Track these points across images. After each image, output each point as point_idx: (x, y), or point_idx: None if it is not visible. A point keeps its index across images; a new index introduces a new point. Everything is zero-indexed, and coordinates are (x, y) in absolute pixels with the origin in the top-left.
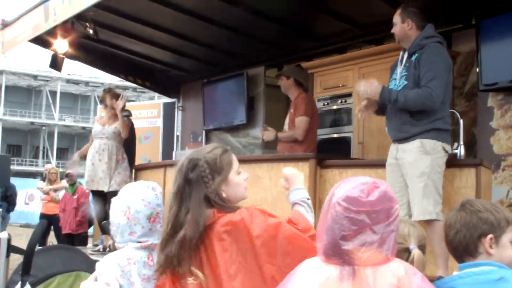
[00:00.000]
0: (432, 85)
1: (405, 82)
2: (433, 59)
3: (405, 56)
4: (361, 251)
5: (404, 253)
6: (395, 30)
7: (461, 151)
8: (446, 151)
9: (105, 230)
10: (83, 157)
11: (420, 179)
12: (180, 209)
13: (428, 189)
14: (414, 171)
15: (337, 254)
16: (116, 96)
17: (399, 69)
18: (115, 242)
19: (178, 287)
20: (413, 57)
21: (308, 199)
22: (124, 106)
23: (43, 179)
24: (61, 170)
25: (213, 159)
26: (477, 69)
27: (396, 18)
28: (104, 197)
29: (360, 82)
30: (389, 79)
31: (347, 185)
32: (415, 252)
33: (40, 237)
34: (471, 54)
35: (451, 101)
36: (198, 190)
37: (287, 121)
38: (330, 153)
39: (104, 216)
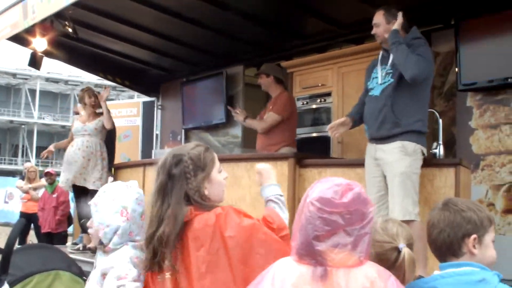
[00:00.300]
0: (424, 62)
1: (391, 80)
2: (425, 53)
3: (391, 56)
4: (334, 252)
5: (393, 252)
6: (378, 31)
7: (440, 150)
8: (423, 154)
9: (84, 229)
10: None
11: (400, 179)
12: (162, 205)
13: (407, 189)
14: (395, 171)
15: (310, 254)
16: (95, 95)
17: (380, 67)
18: (108, 244)
19: (156, 282)
20: None
21: (281, 195)
22: (107, 97)
23: (22, 178)
24: (40, 168)
25: (197, 156)
26: (456, 69)
27: (379, 19)
28: (86, 194)
29: None
30: (366, 80)
31: (321, 185)
32: (405, 251)
33: (18, 235)
34: (450, 54)
35: (430, 100)
36: (179, 186)
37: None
38: (310, 152)
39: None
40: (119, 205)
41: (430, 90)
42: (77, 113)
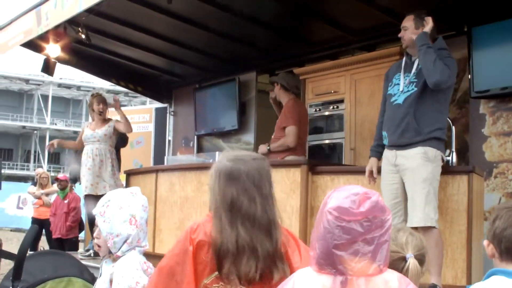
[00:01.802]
0: (446, 71)
1: (415, 89)
2: (451, 64)
3: (415, 63)
4: (355, 261)
5: (400, 262)
6: (405, 35)
7: (453, 158)
8: (443, 161)
9: None
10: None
11: (423, 185)
12: (265, 208)
13: (430, 195)
14: (417, 177)
15: (330, 263)
16: (103, 101)
17: (403, 75)
18: (117, 252)
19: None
20: None
21: None
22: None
23: (34, 184)
24: (52, 174)
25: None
26: (469, 76)
27: (409, 23)
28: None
29: None
30: (385, 85)
31: (338, 194)
32: (411, 262)
33: (31, 242)
34: (463, 61)
35: None
36: (271, 192)
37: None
38: (322, 159)
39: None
40: (128, 213)
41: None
42: None
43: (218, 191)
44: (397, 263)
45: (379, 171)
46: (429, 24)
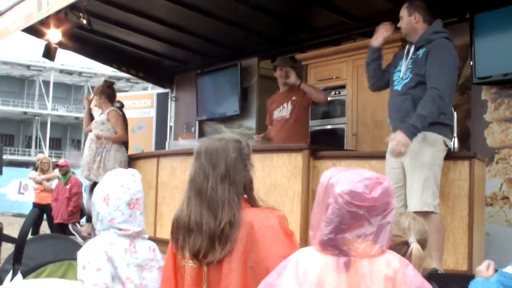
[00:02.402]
0: (440, 84)
1: (411, 75)
2: (443, 56)
3: (411, 49)
4: (358, 242)
5: (402, 247)
6: (402, 23)
7: (454, 144)
8: (447, 145)
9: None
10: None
11: (421, 170)
12: (227, 190)
13: (428, 181)
14: (415, 162)
15: (334, 245)
16: (96, 96)
17: (404, 62)
18: (96, 230)
19: (178, 266)
20: (420, 51)
21: None
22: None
23: (36, 169)
24: (53, 160)
25: (248, 144)
26: (471, 63)
27: (403, 12)
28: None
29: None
30: (390, 67)
31: (349, 177)
32: (414, 246)
33: (31, 226)
34: (465, 47)
35: None
36: (240, 172)
37: (286, 108)
38: (324, 144)
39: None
40: (104, 191)
41: (455, 87)
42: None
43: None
44: (400, 248)
45: (374, 156)
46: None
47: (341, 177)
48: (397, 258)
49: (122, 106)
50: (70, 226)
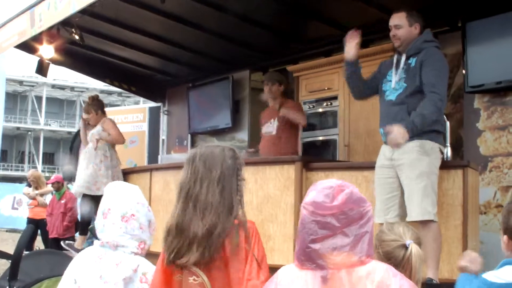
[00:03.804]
0: (439, 90)
1: (405, 85)
2: (439, 64)
3: (402, 58)
4: (333, 255)
5: (401, 250)
6: (400, 32)
7: (448, 152)
8: (442, 153)
9: (94, 234)
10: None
11: (419, 180)
12: (220, 195)
13: (427, 189)
14: (413, 172)
15: (309, 259)
16: (87, 109)
17: (394, 71)
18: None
19: (169, 281)
20: (412, 60)
21: None
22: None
23: (29, 185)
24: (47, 175)
25: (240, 155)
26: (463, 71)
27: (402, 21)
28: (91, 199)
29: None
30: (377, 75)
31: (314, 188)
32: (413, 247)
33: (27, 242)
34: (457, 56)
35: None
36: (232, 181)
37: (272, 124)
38: (316, 156)
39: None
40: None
41: None
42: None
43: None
44: (398, 251)
45: (367, 167)
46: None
47: (310, 190)
48: (383, 269)
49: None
50: (62, 243)
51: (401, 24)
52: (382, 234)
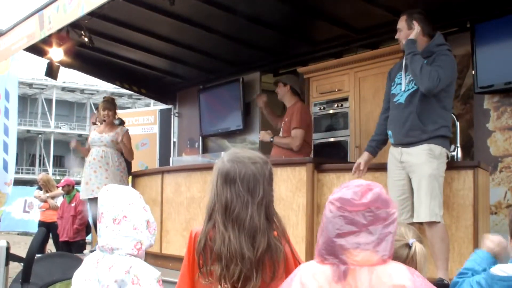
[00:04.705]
0: (441, 73)
1: (415, 87)
2: (447, 64)
3: None
4: (357, 251)
5: (404, 249)
6: (400, 36)
7: (458, 153)
8: (448, 158)
9: None
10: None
11: (428, 181)
12: (257, 207)
13: (435, 191)
14: (423, 173)
15: (332, 253)
16: (108, 107)
17: (404, 74)
18: None
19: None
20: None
21: None
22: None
23: (40, 188)
24: (57, 178)
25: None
26: (473, 72)
27: (402, 24)
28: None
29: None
30: (388, 83)
31: (342, 188)
32: (416, 245)
33: (39, 245)
34: (466, 57)
35: None
36: (269, 193)
37: (280, 129)
38: (327, 157)
39: None
40: None
41: (453, 99)
42: (94, 123)
43: (215, 192)
44: (401, 250)
45: (378, 168)
46: (415, 30)
47: (336, 190)
48: (403, 268)
49: (122, 122)
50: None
51: (400, 27)
52: None
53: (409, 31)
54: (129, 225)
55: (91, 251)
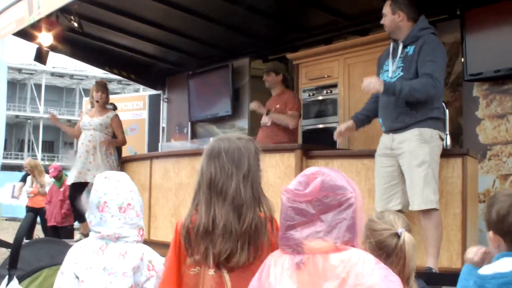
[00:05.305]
0: (434, 73)
1: (401, 73)
2: (434, 50)
3: (399, 47)
4: (308, 240)
5: (393, 238)
6: (385, 21)
7: (447, 141)
8: (442, 139)
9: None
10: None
11: (420, 168)
12: (247, 189)
13: (428, 177)
14: (414, 160)
15: (287, 244)
16: (102, 89)
17: (391, 60)
18: None
19: (183, 275)
20: (409, 48)
21: None
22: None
23: (27, 174)
24: (46, 163)
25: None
26: (462, 60)
27: (386, 9)
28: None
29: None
30: (377, 71)
31: (296, 177)
32: (405, 235)
33: (26, 230)
34: (456, 44)
35: None
36: (258, 175)
37: (269, 115)
38: (316, 143)
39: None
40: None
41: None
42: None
43: (200, 171)
44: (390, 240)
45: (367, 155)
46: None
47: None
48: (359, 257)
49: (115, 108)
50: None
51: (385, 13)
52: (373, 224)
53: (393, 16)
54: (133, 213)
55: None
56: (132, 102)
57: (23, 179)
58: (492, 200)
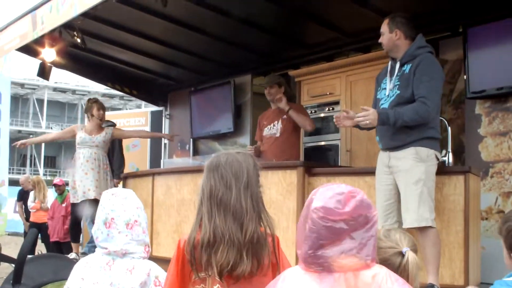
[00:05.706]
0: (428, 98)
1: (398, 92)
2: (432, 71)
3: (397, 66)
4: (340, 258)
5: (397, 257)
6: (383, 40)
7: (449, 158)
8: (438, 159)
9: None
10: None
11: (416, 186)
12: (247, 201)
13: (423, 196)
14: (410, 178)
15: (316, 262)
16: (103, 108)
17: (389, 79)
18: None
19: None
20: (406, 67)
21: None
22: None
23: (26, 192)
24: (48, 178)
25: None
26: (465, 77)
27: (384, 28)
28: (91, 202)
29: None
30: (375, 89)
31: (324, 194)
32: (409, 255)
33: (30, 246)
34: (458, 62)
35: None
36: (257, 190)
37: (276, 126)
38: (318, 161)
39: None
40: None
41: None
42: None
43: (201, 185)
44: (394, 258)
45: (368, 172)
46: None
47: (318, 193)
48: (385, 272)
49: (113, 124)
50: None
51: (383, 31)
52: (379, 241)
53: (390, 34)
54: (140, 229)
55: (82, 253)
56: (134, 118)
57: (21, 197)
58: (505, 217)
